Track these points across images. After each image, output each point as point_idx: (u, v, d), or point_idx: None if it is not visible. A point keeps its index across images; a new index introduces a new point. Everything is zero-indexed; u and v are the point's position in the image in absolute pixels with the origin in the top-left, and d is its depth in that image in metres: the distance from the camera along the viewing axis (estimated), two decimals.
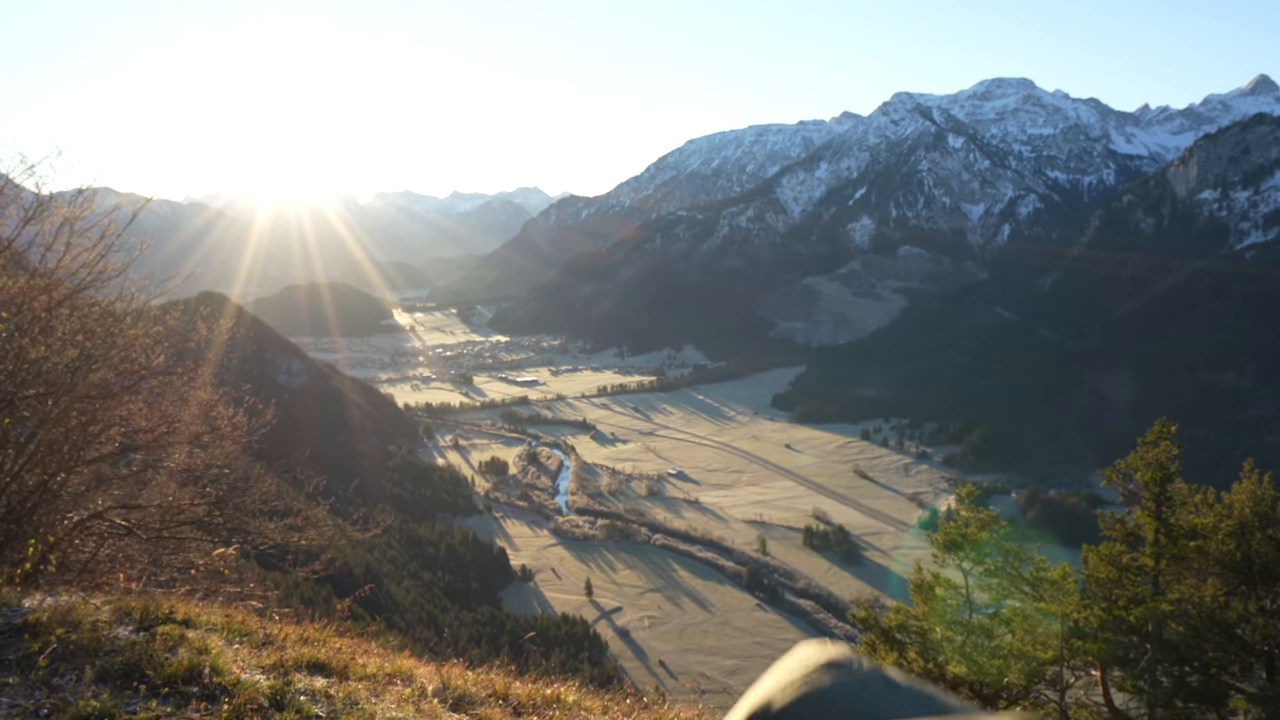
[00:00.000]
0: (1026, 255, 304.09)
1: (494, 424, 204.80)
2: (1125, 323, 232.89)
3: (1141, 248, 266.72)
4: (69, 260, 7.54)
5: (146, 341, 7.79)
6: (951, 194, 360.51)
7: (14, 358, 6.47)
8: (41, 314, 6.86)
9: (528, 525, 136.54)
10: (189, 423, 8.21)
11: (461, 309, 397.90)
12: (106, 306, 7.88)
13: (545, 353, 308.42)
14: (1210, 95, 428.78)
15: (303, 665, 4.18)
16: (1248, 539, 12.19)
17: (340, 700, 3.83)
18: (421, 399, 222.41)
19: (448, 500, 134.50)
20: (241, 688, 3.66)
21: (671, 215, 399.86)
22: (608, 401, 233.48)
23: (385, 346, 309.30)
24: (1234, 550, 12.18)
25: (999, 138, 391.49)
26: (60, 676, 3.57)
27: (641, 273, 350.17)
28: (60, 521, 7.15)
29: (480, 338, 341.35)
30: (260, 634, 4.62)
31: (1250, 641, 12.04)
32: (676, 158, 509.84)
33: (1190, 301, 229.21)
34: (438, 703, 4.13)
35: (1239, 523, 12.25)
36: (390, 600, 66.27)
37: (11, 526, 6.41)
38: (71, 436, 7.11)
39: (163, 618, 4.44)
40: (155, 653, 3.84)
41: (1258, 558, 12.14)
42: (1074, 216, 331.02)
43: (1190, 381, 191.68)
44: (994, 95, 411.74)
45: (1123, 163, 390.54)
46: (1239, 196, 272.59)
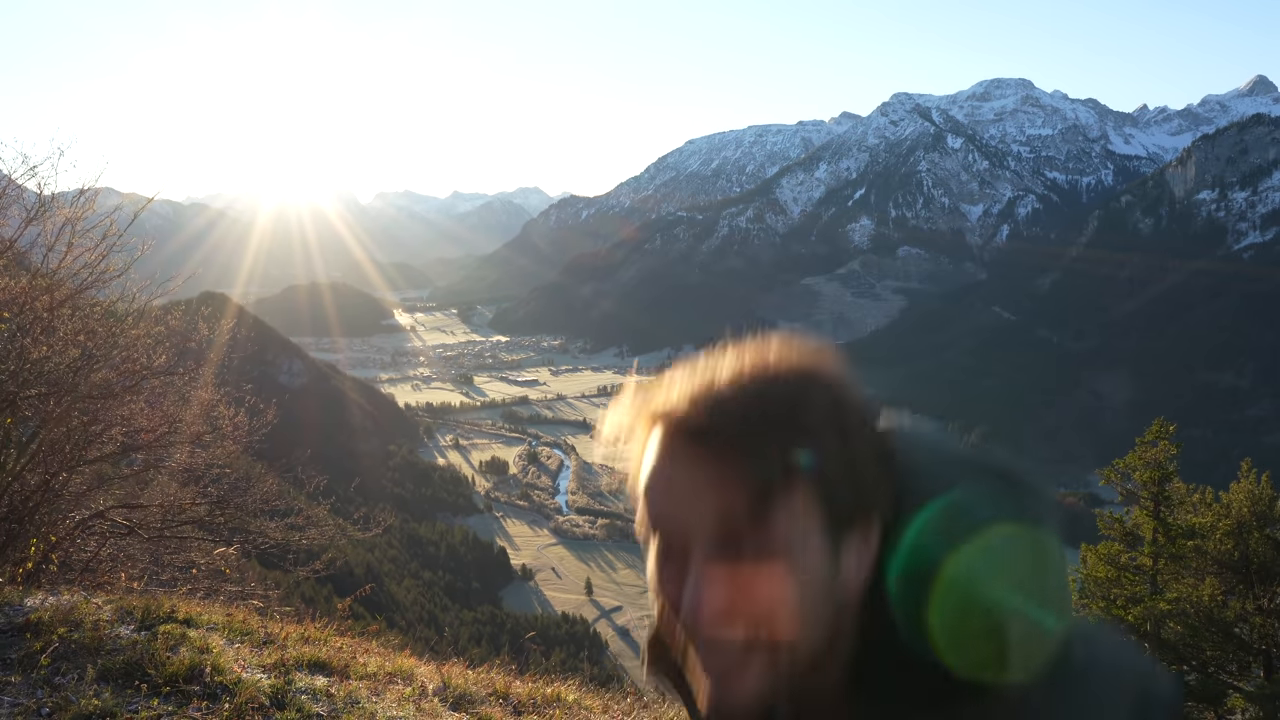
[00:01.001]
0: (1025, 255, 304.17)
1: (494, 424, 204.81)
2: (1124, 323, 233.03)
3: (1140, 248, 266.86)
4: (71, 260, 7.56)
5: (148, 342, 7.81)
6: (950, 194, 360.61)
7: (16, 358, 6.50)
8: (44, 314, 6.88)
9: (528, 525, 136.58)
10: (190, 423, 8.23)
11: (462, 309, 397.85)
12: (108, 307, 7.90)
13: (545, 353, 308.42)
14: (1208, 96, 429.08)
15: (304, 664, 4.20)
16: (1245, 538, 12.21)
17: (341, 699, 3.85)
18: (422, 399, 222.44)
19: (448, 500, 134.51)
20: (243, 687, 3.68)
21: (671, 215, 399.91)
22: (607, 401, 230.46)
23: (386, 346, 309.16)
24: (1232, 550, 12.21)
25: (998, 138, 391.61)
26: (62, 675, 3.59)
27: (641, 273, 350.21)
28: (62, 521, 7.17)
29: (480, 338, 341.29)
30: (261, 633, 4.64)
31: (1248, 640, 12.07)
32: (676, 158, 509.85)
33: (1188, 302, 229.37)
34: (438, 702, 4.16)
35: (1237, 522, 12.27)
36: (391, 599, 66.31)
37: (14, 526, 6.43)
38: (73, 436, 7.13)
39: (164, 617, 4.46)
40: (157, 652, 3.86)
41: (1255, 557, 12.17)
42: (1072, 217, 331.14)
43: (1188, 381, 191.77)
44: (993, 96, 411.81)
45: (1121, 163, 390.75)
46: (1237, 197, 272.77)
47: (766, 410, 0.75)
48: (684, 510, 0.77)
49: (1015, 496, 0.80)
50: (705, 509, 0.75)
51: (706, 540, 0.76)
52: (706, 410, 0.76)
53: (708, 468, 0.75)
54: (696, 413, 0.77)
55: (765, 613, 0.74)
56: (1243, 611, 12.08)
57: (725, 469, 0.75)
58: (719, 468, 0.75)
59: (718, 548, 0.75)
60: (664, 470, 0.78)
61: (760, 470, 0.74)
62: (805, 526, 0.75)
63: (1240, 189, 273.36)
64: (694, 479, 0.76)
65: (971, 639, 0.79)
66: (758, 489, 0.74)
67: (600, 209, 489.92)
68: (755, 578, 0.74)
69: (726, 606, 0.74)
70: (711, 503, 0.75)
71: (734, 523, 0.75)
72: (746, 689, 0.76)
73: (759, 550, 0.74)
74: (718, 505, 0.75)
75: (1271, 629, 11.93)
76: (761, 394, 0.76)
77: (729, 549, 0.75)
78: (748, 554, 0.75)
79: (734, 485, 0.74)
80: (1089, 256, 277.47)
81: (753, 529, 0.74)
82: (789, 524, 0.74)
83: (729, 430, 0.75)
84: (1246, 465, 13.06)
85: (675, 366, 0.83)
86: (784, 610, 0.75)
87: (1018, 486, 0.81)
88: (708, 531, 0.76)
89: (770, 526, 0.74)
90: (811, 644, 0.77)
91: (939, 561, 0.79)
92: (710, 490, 0.75)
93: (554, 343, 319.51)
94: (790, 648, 0.75)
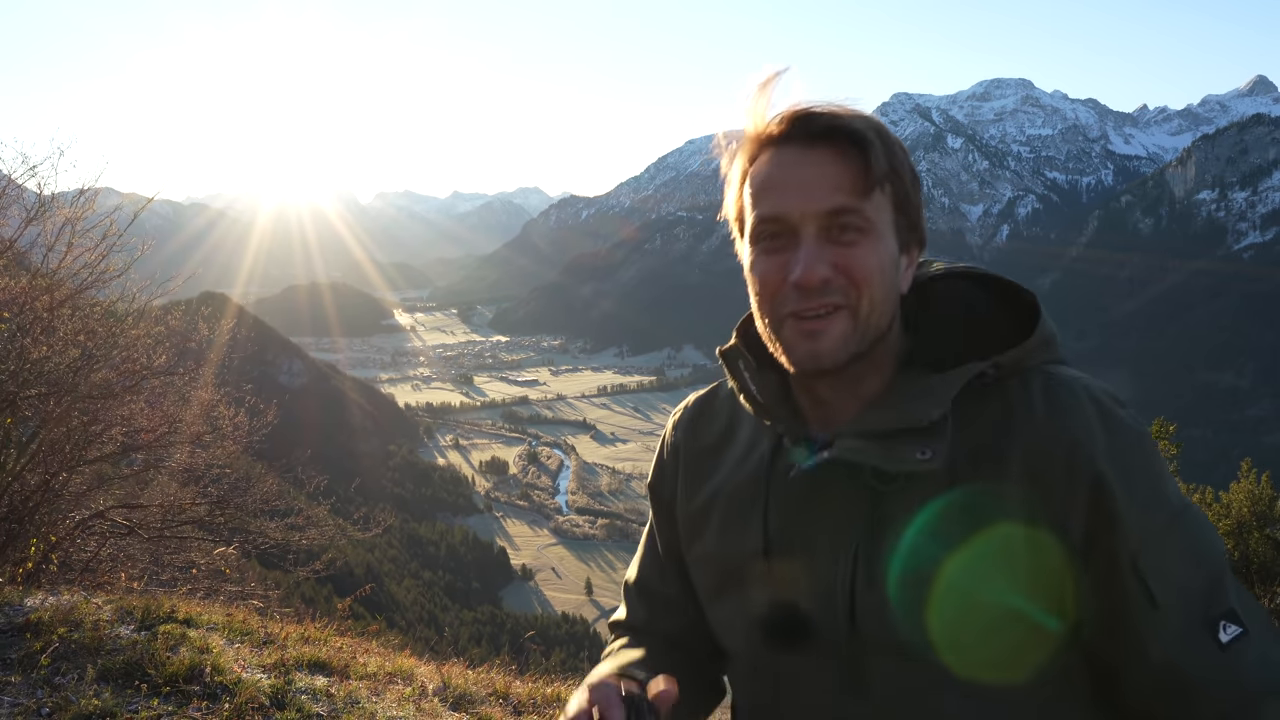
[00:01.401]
0: (1025, 256, 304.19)
1: (494, 424, 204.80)
2: (1124, 323, 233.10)
3: (1140, 248, 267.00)
4: (71, 260, 7.56)
5: (148, 342, 7.81)
6: (950, 194, 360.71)
7: (16, 358, 6.50)
8: (44, 314, 6.88)
9: (528, 525, 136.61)
10: (190, 423, 8.23)
11: (462, 309, 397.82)
12: (108, 307, 7.89)
13: (545, 353, 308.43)
14: (1208, 96, 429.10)
15: (304, 664, 4.20)
16: (1245, 539, 12.21)
17: (341, 699, 3.85)
18: (422, 399, 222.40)
19: (448, 500, 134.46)
20: (243, 687, 3.68)
21: (671, 215, 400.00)
22: (608, 401, 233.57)
23: (386, 346, 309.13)
24: (1232, 550, 12.22)
25: (998, 138, 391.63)
26: (62, 675, 3.59)
27: (641, 273, 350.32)
28: (62, 521, 7.17)
29: (480, 338, 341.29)
30: (261, 633, 4.64)
31: None
32: (676, 158, 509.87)
33: (1188, 302, 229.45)
34: (438, 701, 4.15)
35: (1237, 522, 12.27)
36: (391, 599, 66.28)
37: (14, 526, 6.43)
38: (73, 436, 7.13)
39: (164, 617, 4.46)
40: (157, 652, 3.86)
41: (1255, 557, 12.17)
42: (1072, 217, 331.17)
43: (1188, 381, 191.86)
44: (993, 96, 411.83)
45: (1121, 163, 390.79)
46: (1237, 197, 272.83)
47: (870, 121, 0.96)
48: (801, 201, 0.94)
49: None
50: (823, 196, 0.94)
51: (817, 224, 0.94)
52: (825, 117, 0.95)
53: (833, 161, 0.94)
54: (817, 118, 0.95)
55: (857, 277, 0.94)
56: None
57: (847, 160, 0.94)
58: (843, 160, 0.94)
59: (825, 229, 0.94)
60: (786, 169, 0.96)
61: (876, 162, 0.94)
62: (891, 220, 0.97)
63: (1240, 189, 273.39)
64: (818, 172, 0.94)
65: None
66: (870, 180, 0.93)
67: (600, 209, 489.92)
68: (853, 249, 0.94)
69: (830, 272, 0.94)
70: (829, 190, 0.94)
71: (844, 206, 0.93)
72: (836, 334, 0.95)
73: (858, 229, 0.94)
74: (835, 192, 0.94)
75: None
76: (859, 115, 0.96)
77: (833, 230, 0.94)
78: (849, 233, 0.94)
79: (853, 174, 0.94)
80: (1089, 256, 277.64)
81: (857, 212, 0.94)
82: (884, 212, 0.96)
83: (849, 129, 0.94)
84: (1246, 465, 13.05)
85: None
86: (870, 277, 0.95)
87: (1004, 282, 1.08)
88: (820, 217, 0.94)
89: (871, 211, 0.94)
90: (882, 311, 0.98)
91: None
92: (830, 180, 0.94)
93: (554, 343, 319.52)
94: (869, 308, 0.96)
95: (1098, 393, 0.96)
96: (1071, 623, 0.94)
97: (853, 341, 0.96)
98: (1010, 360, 0.98)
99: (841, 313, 0.94)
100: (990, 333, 1.02)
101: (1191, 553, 0.94)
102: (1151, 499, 0.93)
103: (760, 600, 1.06)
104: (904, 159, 0.97)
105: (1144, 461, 0.94)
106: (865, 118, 0.96)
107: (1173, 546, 0.93)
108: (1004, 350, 0.98)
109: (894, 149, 0.96)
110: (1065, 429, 0.93)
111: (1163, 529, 0.93)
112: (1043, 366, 0.99)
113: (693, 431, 1.23)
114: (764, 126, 0.99)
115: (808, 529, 1.02)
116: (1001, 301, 1.07)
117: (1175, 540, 0.93)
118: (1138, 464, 0.93)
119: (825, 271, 0.93)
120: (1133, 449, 0.93)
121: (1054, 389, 0.96)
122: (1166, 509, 0.94)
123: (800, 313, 0.95)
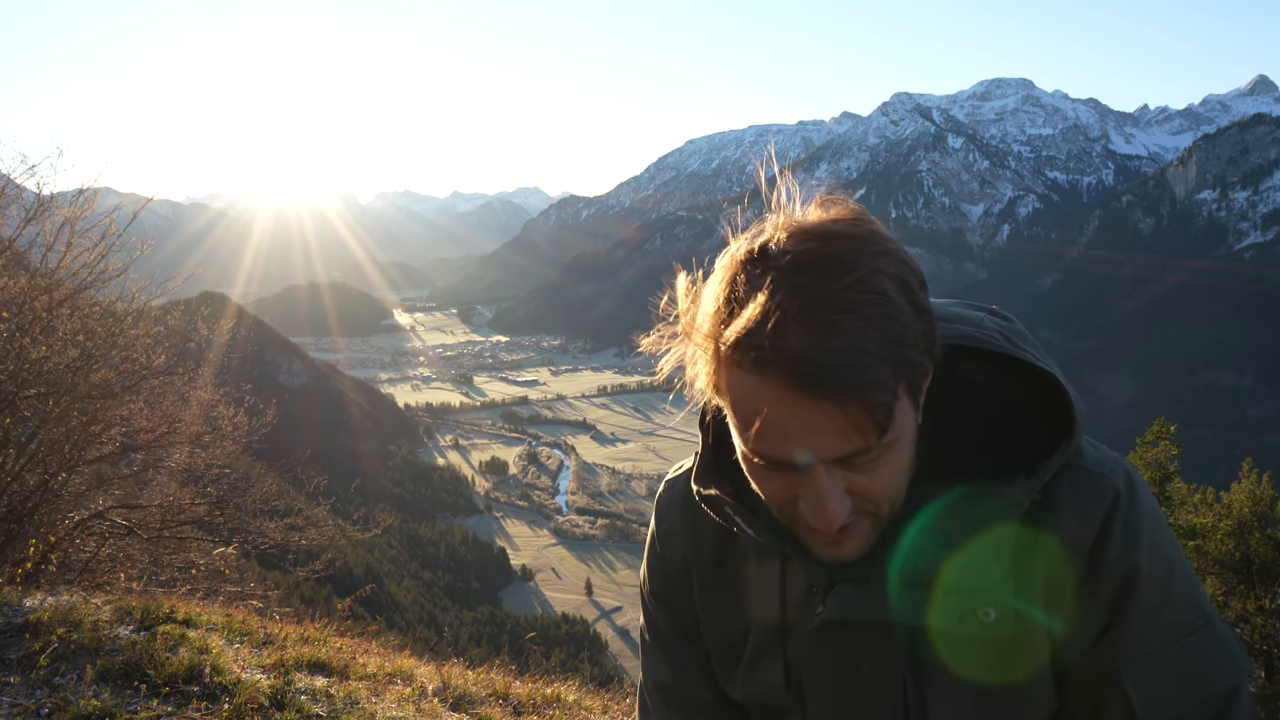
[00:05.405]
0: (1026, 255, 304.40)
1: (494, 424, 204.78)
2: (1124, 323, 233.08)
3: (1140, 248, 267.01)
4: (70, 260, 7.55)
5: (147, 342, 7.80)
6: (951, 194, 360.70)
7: (15, 358, 6.49)
8: (43, 314, 6.88)
9: (528, 525, 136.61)
10: (190, 423, 8.22)
11: (462, 309, 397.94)
12: (107, 306, 7.88)
13: (545, 353, 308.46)
14: (1209, 95, 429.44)
15: (303, 665, 4.19)
16: (1246, 539, 12.21)
17: (340, 700, 3.84)
18: (422, 399, 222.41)
19: (448, 500, 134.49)
20: (242, 687, 3.67)
21: (671, 215, 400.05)
22: (608, 401, 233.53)
23: (386, 346, 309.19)
24: (1233, 550, 12.21)
25: (998, 138, 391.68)
26: (61, 676, 3.58)
27: (641, 273, 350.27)
28: (61, 521, 7.16)
29: (480, 338, 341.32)
30: (261, 633, 4.63)
31: (1249, 641, 12.06)
32: (676, 158, 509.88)
33: (1189, 302, 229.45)
34: (438, 702, 4.14)
35: (1238, 522, 12.27)
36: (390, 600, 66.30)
37: (13, 526, 6.42)
38: (72, 436, 7.12)
39: (163, 617, 4.45)
40: (156, 652, 3.85)
41: (1256, 557, 12.17)
42: (1073, 217, 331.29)
43: (1189, 382, 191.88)
44: (993, 95, 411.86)
45: (1122, 163, 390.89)
46: (1238, 197, 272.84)
47: (867, 340, 0.73)
48: (807, 448, 0.78)
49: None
50: (834, 444, 0.77)
51: (826, 462, 0.79)
52: (827, 374, 0.73)
53: (829, 412, 0.75)
54: (799, 353, 0.73)
55: (877, 498, 0.82)
56: (1244, 612, 12.08)
57: (848, 412, 0.75)
58: (843, 412, 0.75)
59: (837, 464, 0.79)
60: (784, 408, 0.75)
61: (881, 404, 0.75)
62: (911, 416, 0.81)
63: (1241, 189, 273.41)
64: (824, 420, 0.75)
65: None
66: (888, 417, 0.76)
67: (600, 209, 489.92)
68: (873, 471, 0.80)
69: (849, 506, 0.81)
70: (839, 439, 0.76)
71: (861, 450, 0.78)
72: (861, 538, 0.85)
73: (878, 453, 0.79)
74: (847, 440, 0.77)
75: (1272, 629, 11.93)
76: (854, 308, 0.73)
77: (846, 461, 0.79)
78: (866, 460, 0.79)
79: (859, 422, 0.75)
80: (1090, 256, 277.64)
81: (874, 448, 0.78)
82: (903, 425, 0.79)
83: (841, 371, 0.73)
84: (1248, 465, 13.06)
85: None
86: (889, 487, 0.83)
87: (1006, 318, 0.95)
88: (828, 457, 0.78)
89: (890, 434, 0.78)
90: (901, 491, 0.85)
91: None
92: (834, 429, 0.76)
93: (554, 343, 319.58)
94: (890, 506, 0.85)
95: (1122, 488, 0.87)
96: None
97: (876, 534, 0.87)
98: (1050, 471, 0.87)
99: (864, 520, 0.84)
100: (1012, 422, 0.90)
101: (1195, 675, 0.87)
102: (1165, 609, 0.86)
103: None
104: (913, 321, 0.76)
105: (1165, 567, 0.87)
106: (866, 324, 0.73)
107: (1174, 664, 0.86)
108: (1037, 458, 0.86)
109: (910, 345, 0.76)
110: (1088, 529, 0.86)
111: (1169, 642, 0.86)
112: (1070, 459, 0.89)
113: (694, 538, 1.11)
114: (739, 354, 0.77)
115: (840, 675, 0.95)
116: (1013, 376, 0.91)
117: (1177, 657, 0.86)
118: (1159, 570, 0.86)
119: (845, 514, 0.81)
120: (1154, 551, 0.86)
121: (1080, 488, 0.88)
122: (1179, 622, 0.87)
123: (819, 529, 0.84)
